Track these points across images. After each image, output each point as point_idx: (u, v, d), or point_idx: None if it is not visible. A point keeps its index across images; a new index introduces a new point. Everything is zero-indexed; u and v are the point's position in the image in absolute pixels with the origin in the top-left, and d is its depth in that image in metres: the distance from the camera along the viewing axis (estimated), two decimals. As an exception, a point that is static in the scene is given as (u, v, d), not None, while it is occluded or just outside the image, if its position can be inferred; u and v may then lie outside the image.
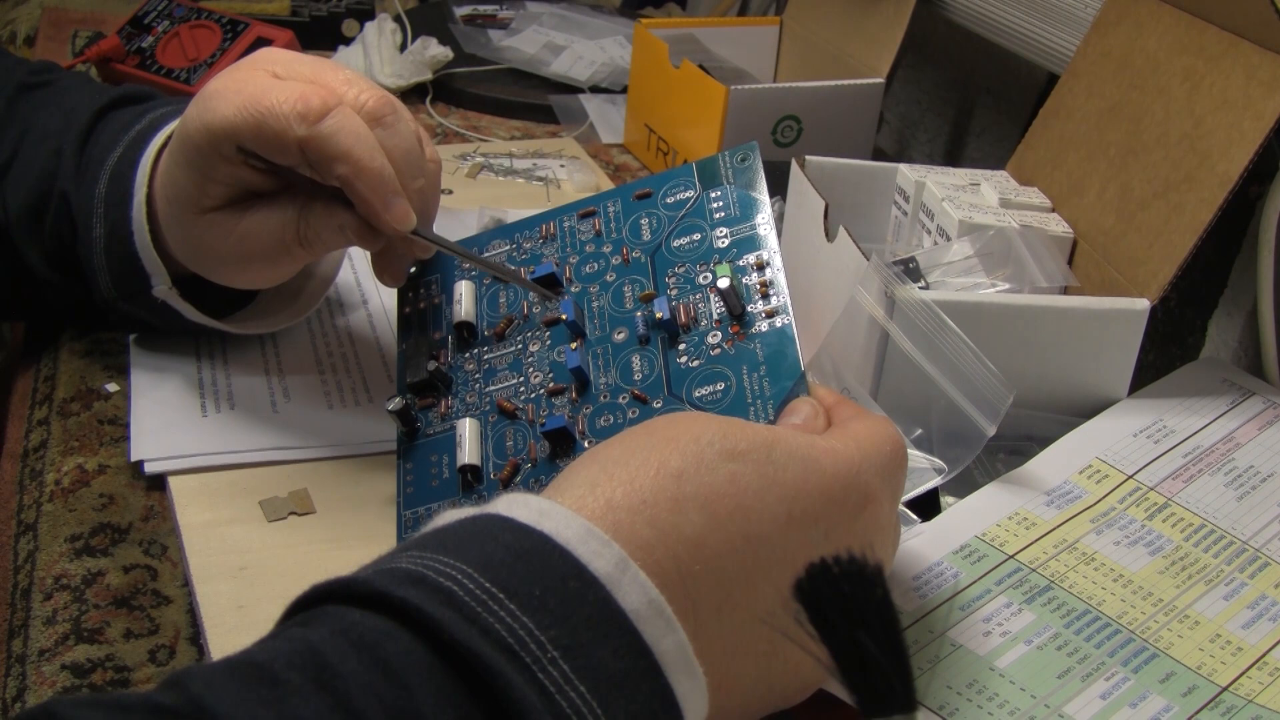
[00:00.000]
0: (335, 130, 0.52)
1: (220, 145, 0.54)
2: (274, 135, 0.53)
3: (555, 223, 0.59)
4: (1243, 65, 0.61)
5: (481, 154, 0.97)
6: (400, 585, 0.33)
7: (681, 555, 0.38)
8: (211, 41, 0.99)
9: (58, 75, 0.73)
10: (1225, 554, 0.54)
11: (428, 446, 0.56)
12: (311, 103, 0.53)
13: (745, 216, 0.55)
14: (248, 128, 0.53)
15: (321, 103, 0.53)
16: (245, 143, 0.54)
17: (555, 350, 0.55)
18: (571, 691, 0.33)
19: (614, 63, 1.15)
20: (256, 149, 0.54)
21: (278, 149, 0.53)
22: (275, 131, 0.53)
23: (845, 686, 0.33)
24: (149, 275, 0.61)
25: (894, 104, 1.13)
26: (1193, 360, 0.69)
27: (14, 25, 1.24)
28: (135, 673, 0.48)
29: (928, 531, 0.53)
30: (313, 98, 0.53)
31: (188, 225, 0.57)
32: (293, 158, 0.54)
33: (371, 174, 0.53)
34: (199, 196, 0.56)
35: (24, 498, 0.58)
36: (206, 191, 0.56)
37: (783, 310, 0.51)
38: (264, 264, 0.58)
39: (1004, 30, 0.89)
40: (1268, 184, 0.66)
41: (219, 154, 0.54)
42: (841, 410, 0.47)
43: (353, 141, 0.53)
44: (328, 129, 0.52)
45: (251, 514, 0.56)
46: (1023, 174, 0.74)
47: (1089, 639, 0.48)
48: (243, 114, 0.53)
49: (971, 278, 0.63)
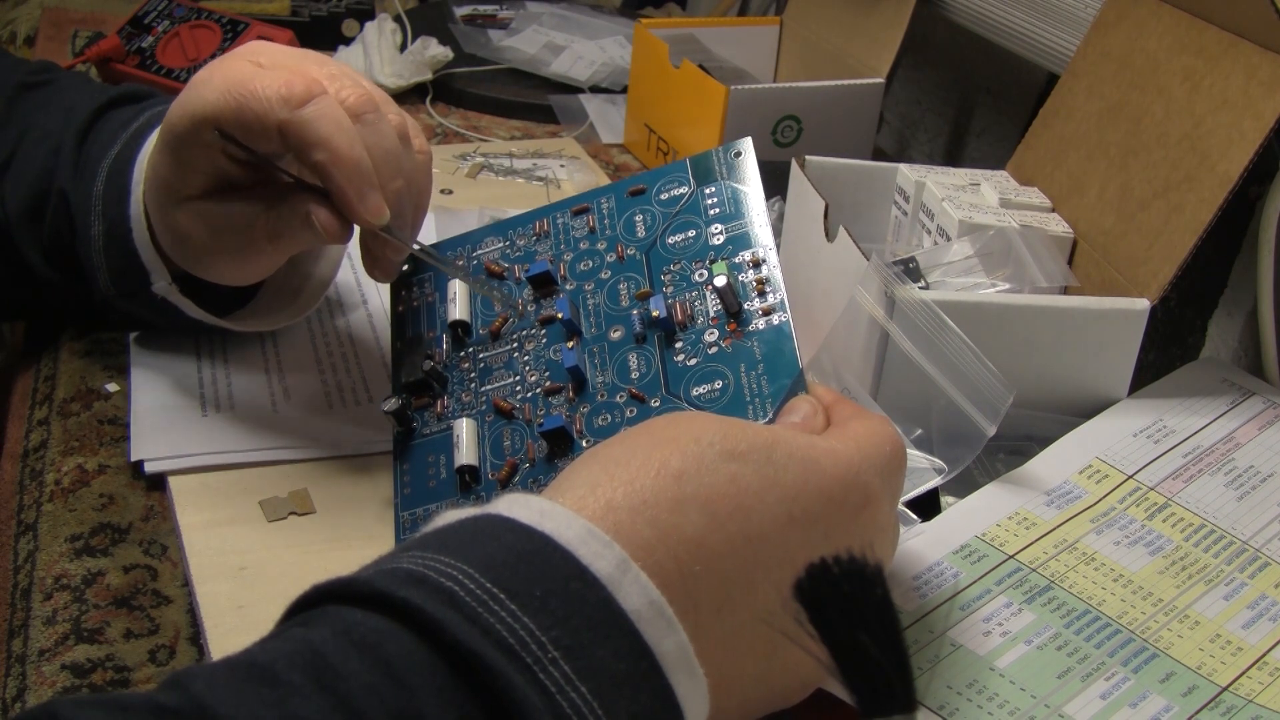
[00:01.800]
0: (316, 116, 0.52)
1: (200, 130, 0.54)
2: (255, 118, 0.53)
3: (549, 220, 0.59)
4: (1243, 65, 0.61)
5: (481, 154, 0.97)
6: (401, 585, 0.33)
7: (682, 555, 0.38)
8: (211, 41, 0.99)
9: (57, 75, 0.73)
10: (1225, 554, 0.54)
11: (424, 447, 0.56)
12: (295, 88, 0.53)
13: (740, 213, 0.54)
14: (229, 110, 0.53)
15: (305, 89, 0.53)
16: (226, 125, 0.53)
17: (551, 349, 0.55)
18: (573, 692, 0.33)
19: (614, 63, 1.15)
20: (237, 132, 0.54)
21: (258, 132, 0.53)
22: (256, 114, 0.53)
23: (845, 686, 0.33)
24: (148, 272, 0.61)
25: (894, 104, 1.13)
26: (1193, 360, 0.69)
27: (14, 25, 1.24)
28: (135, 673, 0.48)
29: (928, 531, 0.53)
30: (296, 84, 0.53)
31: (167, 214, 0.57)
32: (272, 143, 0.54)
33: (349, 163, 0.52)
34: (178, 184, 0.56)
35: (24, 498, 0.58)
36: (185, 180, 0.56)
37: (780, 308, 0.51)
38: (235, 257, 0.58)
39: (1004, 30, 0.89)
40: (1268, 184, 0.66)
41: (199, 140, 0.54)
42: (840, 409, 0.47)
43: (333, 129, 0.52)
44: (309, 114, 0.52)
45: (251, 514, 0.56)
46: (1023, 174, 0.74)
47: (1089, 639, 0.48)
48: (225, 97, 0.53)
49: (971, 278, 0.63)
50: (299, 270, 0.66)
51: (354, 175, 0.53)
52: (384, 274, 0.58)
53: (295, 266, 0.66)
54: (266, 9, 1.13)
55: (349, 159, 0.52)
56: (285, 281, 0.67)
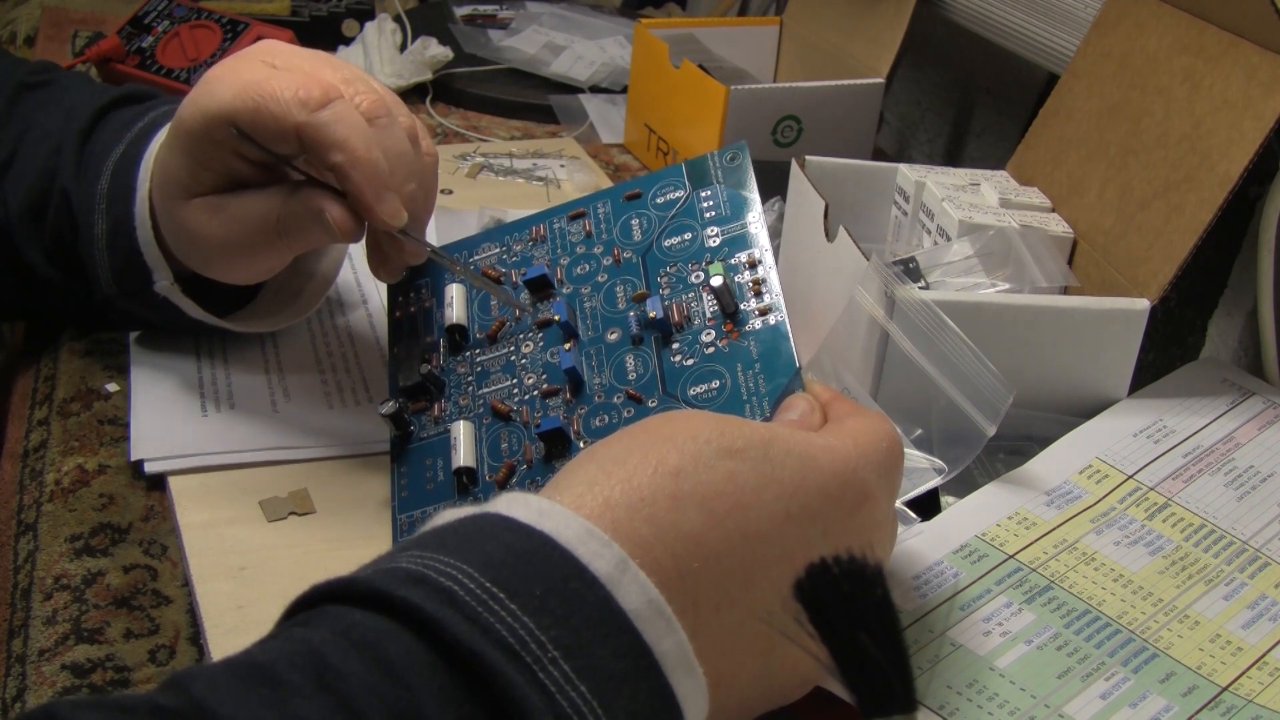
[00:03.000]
0: (334, 119, 0.53)
1: (215, 129, 0.54)
2: (272, 119, 0.53)
3: (545, 225, 0.59)
4: (1243, 65, 0.61)
5: (481, 154, 0.97)
6: (401, 585, 0.33)
7: (680, 553, 0.38)
8: (211, 41, 0.99)
9: (58, 75, 0.73)
10: (1225, 554, 0.54)
11: (422, 450, 0.56)
12: (312, 91, 0.53)
13: (736, 215, 0.55)
14: (246, 111, 0.53)
15: (322, 92, 0.53)
16: (243, 125, 0.54)
17: (548, 351, 0.55)
18: (572, 691, 0.33)
19: (614, 63, 1.15)
20: (254, 133, 0.54)
21: (276, 134, 0.54)
22: (274, 116, 0.53)
23: (845, 686, 0.33)
24: (151, 271, 0.61)
25: (894, 104, 1.13)
26: (1193, 360, 0.69)
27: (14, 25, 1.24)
28: (135, 673, 0.48)
29: (928, 531, 0.53)
30: (313, 87, 0.53)
31: (177, 210, 0.57)
32: (289, 145, 0.54)
33: (367, 164, 0.53)
34: (189, 182, 0.56)
35: (24, 498, 0.58)
36: (196, 178, 0.56)
37: (776, 307, 0.51)
38: (246, 254, 0.58)
39: (1004, 30, 0.89)
40: (1268, 184, 0.66)
41: (212, 139, 0.55)
42: (837, 407, 0.47)
43: (350, 132, 0.53)
44: (326, 117, 0.53)
45: (251, 514, 0.56)
46: (1023, 174, 0.74)
47: (1089, 639, 0.48)
48: (241, 98, 0.53)
49: (971, 278, 0.63)
50: (301, 270, 0.66)
51: (372, 177, 0.53)
52: (390, 275, 0.59)
53: (297, 267, 0.66)
54: (266, 9, 1.13)
55: (367, 161, 0.53)
56: (287, 282, 0.67)
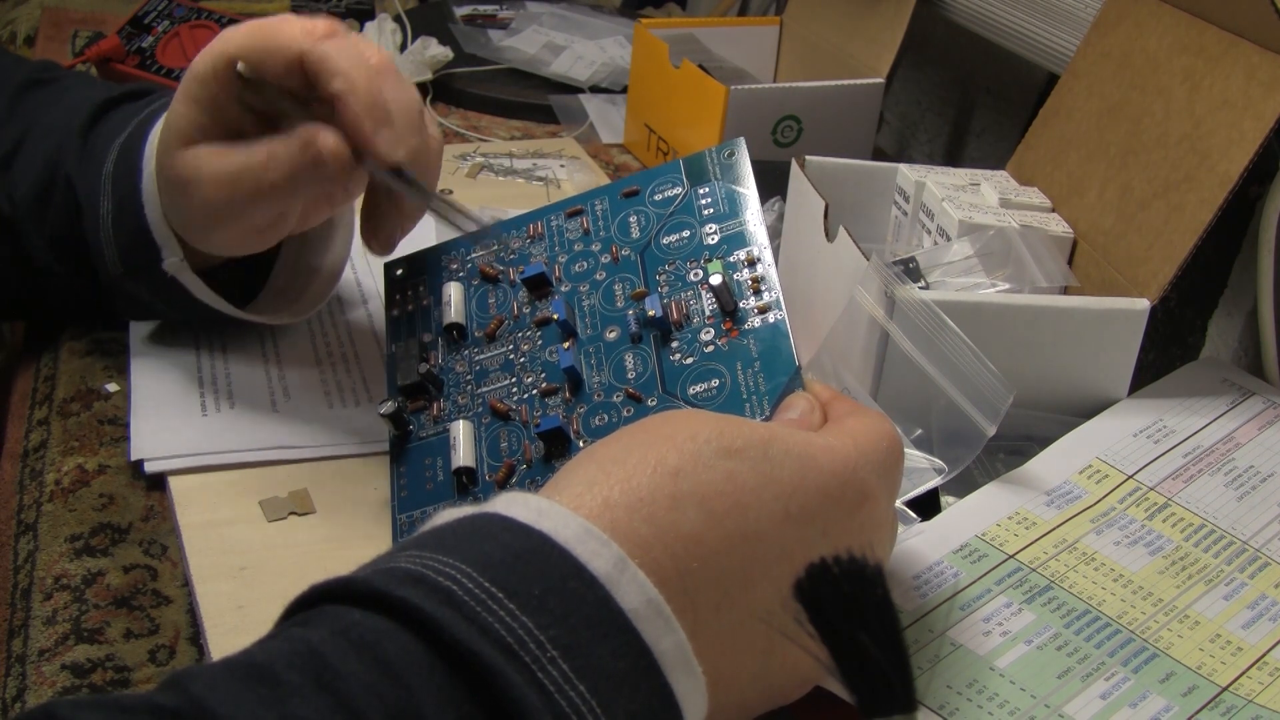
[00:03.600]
0: (337, 49, 0.54)
1: (220, 66, 0.55)
2: (276, 47, 0.54)
3: (543, 222, 0.59)
4: (1243, 65, 0.61)
5: (481, 154, 0.97)
6: (399, 585, 0.33)
7: (679, 553, 0.38)
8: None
9: (60, 74, 0.73)
10: (1225, 554, 0.54)
11: (421, 450, 0.56)
12: (319, 25, 0.54)
13: (734, 212, 0.55)
14: (252, 42, 0.54)
15: (328, 26, 0.54)
16: (248, 57, 0.54)
17: (547, 350, 0.55)
18: (571, 691, 0.33)
19: (614, 63, 1.15)
20: (258, 64, 0.54)
21: (279, 61, 0.54)
22: (278, 43, 0.54)
23: (845, 686, 0.33)
24: (159, 247, 0.60)
25: (894, 104, 1.13)
26: (1193, 360, 0.69)
27: (14, 25, 1.24)
28: (135, 673, 0.48)
29: (928, 531, 0.53)
30: (320, 21, 0.55)
31: (174, 163, 0.57)
32: (293, 76, 0.54)
33: (366, 94, 0.53)
34: (187, 128, 0.57)
35: (24, 498, 0.58)
36: (196, 123, 0.56)
37: (775, 305, 0.51)
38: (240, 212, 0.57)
39: (1004, 30, 0.89)
40: (1268, 184, 0.66)
41: (218, 78, 0.55)
42: (837, 406, 0.47)
43: (353, 62, 0.53)
44: (330, 46, 0.54)
45: (251, 514, 0.56)
46: (1023, 174, 0.74)
47: (1089, 639, 0.48)
48: (249, 32, 0.55)
49: (971, 278, 0.63)
50: (305, 263, 0.66)
51: (370, 107, 0.53)
52: (383, 244, 0.58)
53: (301, 259, 0.66)
54: (266, 9, 1.13)
55: (366, 90, 0.53)
56: (291, 278, 0.67)
